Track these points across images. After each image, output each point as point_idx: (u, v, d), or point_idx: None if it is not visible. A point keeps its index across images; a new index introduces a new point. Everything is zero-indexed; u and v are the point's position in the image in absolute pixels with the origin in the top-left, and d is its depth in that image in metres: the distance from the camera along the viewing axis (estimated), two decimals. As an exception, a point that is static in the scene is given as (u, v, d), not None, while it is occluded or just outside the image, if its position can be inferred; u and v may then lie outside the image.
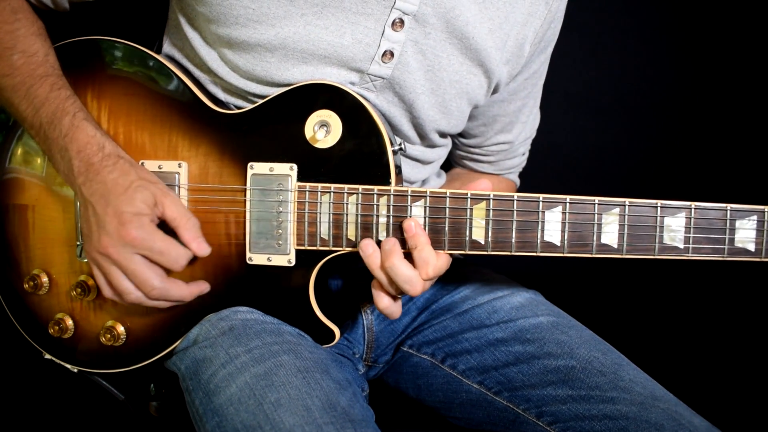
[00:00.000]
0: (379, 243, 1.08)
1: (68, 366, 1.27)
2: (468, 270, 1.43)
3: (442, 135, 1.30)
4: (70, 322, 1.23)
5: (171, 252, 1.08)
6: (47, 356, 1.28)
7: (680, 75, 2.50)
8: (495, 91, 1.28)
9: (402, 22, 1.11)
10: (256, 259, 1.14)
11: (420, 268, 1.05)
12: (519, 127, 1.42)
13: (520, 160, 1.52)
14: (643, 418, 1.09)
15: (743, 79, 2.48)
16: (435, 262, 1.05)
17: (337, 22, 1.10)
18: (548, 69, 1.38)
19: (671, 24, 2.47)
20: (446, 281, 1.41)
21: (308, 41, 1.10)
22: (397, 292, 1.07)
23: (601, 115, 2.45)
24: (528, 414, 1.21)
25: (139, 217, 1.06)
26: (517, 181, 1.56)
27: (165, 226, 1.11)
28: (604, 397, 1.14)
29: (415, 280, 1.04)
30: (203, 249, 1.11)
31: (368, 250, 1.07)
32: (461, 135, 1.42)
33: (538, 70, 1.35)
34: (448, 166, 1.54)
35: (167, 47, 1.27)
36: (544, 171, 1.22)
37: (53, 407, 1.82)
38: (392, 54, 1.13)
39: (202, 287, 1.15)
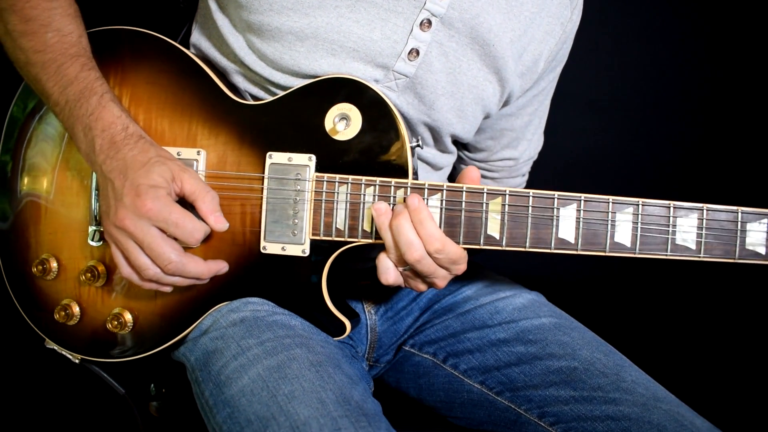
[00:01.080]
0: None
1: (70, 355, 1.27)
2: (471, 271, 1.44)
3: (455, 141, 1.33)
4: (76, 308, 1.24)
5: (187, 225, 1.08)
6: (49, 345, 1.28)
7: (681, 75, 2.54)
8: (506, 103, 1.31)
9: (430, 23, 1.14)
10: (270, 248, 1.15)
11: (426, 243, 1.06)
12: (524, 144, 1.45)
13: (521, 180, 1.55)
14: (645, 419, 1.11)
15: (749, 79, 2.52)
16: (441, 237, 1.06)
17: (369, 17, 1.13)
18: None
19: (672, 24, 2.51)
20: (449, 281, 1.42)
21: (339, 33, 1.13)
22: (400, 261, 1.08)
23: (605, 115, 2.48)
24: (530, 414, 1.23)
25: (156, 189, 1.06)
26: None
27: (185, 205, 1.11)
28: (607, 398, 1.16)
29: (417, 246, 1.05)
30: (221, 223, 1.12)
31: (381, 209, 1.08)
32: (468, 149, 1.45)
33: (546, 88, 1.38)
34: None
35: (195, 36, 1.29)
36: (544, 171, 1.24)
37: (54, 401, 1.81)
38: (418, 52, 1.16)
39: (221, 266, 1.15)
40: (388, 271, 1.10)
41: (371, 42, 1.14)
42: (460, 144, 1.42)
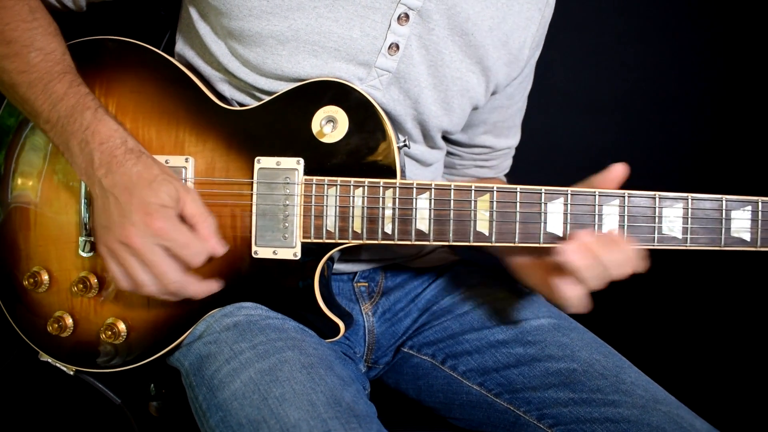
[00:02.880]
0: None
1: (64, 368, 1.32)
2: (469, 271, 1.52)
3: (444, 136, 1.39)
4: (69, 320, 1.29)
5: (194, 246, 1.13)
6: (43, 358, 1.33)
7: (679, 74, 2.59)
8: (494, 92, 1.37)
9: (407, 16, 1.21)
10: (261, 252, 1.21)
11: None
12: (514, 131, 1.54)
13: (510, 161, 1.63)
14: (644, 422, 1.16)
15: (740, 79, 2.58)
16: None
17: (347, 15, 1.20)
18: (548, 69, 1.49)
19: (670, 23, 2.56)
20: (448, 282, 1.49)
21: (319, 33, 1.19)
22: (599, 282, 1.12)
23: (601, 115, 2.54)
24: (529, 416, 1.28)
25: (165, 209, 1.11)
26: (505, 180, 1.65)
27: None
28: (606, 400, 1.21)
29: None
30: (219, 248, 1.16)
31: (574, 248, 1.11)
32: (464, 146, 1.52)
33: (529, 74, 1.46)
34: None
35: (179, 46, 1.35)
36: (544, 171, 1.31)
37: (48, 412, 1.84)
38: (398, 47, 1.22)
39: (213, 286, 1.20)
40: (582, 299, 1.14)
41: (351, 40, 1.20)
42: (458, 144, 1.49)
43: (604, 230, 1.12)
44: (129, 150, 1.15)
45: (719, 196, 1.10)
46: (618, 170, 1.14)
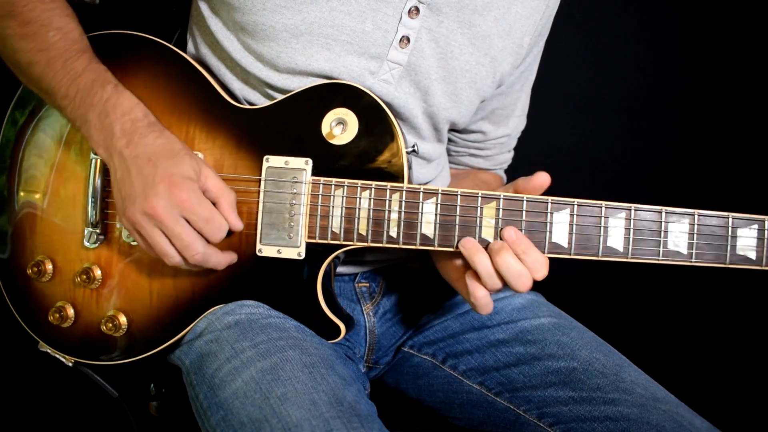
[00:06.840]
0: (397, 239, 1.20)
1: (63, 358, 1.34)
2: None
3: (451, 128, 1.42)
4: (71, 311, 1.31)
5: (215, 221, 1.16)
6: (43, 348, 1.35)
7: (680, 75, 2.60)
8: (500, 83, 1.40)
9: (417, 10, 1.24)
10: (266, 251, 1.24)
11: (534, 271, 1.13)
12: (514, 121, 1.56)
13: (509, 156, 1.65)
14: (644, 420, 1.19)
15: (745, 81, 2.59)
16: (545, 259, 1.14)
17: (360, 8, 1.22)
18: (548, 69, 1.50)
19: (671, 24, 2.57)
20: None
21: (332, 26, 1.22)
22: (496, 288, 1.16)
23: (601, 115, 2.56)
24: (529, 415, 1.31)
25: (190, 182, 1.14)
26: (505, 177, 1.68)
27: None
28: (606, 399, 1.24)
29: (527, 275, 1.13)
30: (240, 223, 1.20)
31: (471, 246, 1.15)
32: (461, 132, 1.54)
33: (531, 63, 1.48)
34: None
35: (190, 43, 1.37)
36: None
37: (49, 404, 1.87)
38: (408, 40, 1.25)
39: (234, 256, 1.23)
40: (485, 297, 1.18)
41: (363, 33, 1.23)
42: (455, 129, 1.51)
43: (609, 243, 1.14)
44: (151, 123, 1.19)
45: (726, 213, 1.12)
46: (542, 178, 1.16)
